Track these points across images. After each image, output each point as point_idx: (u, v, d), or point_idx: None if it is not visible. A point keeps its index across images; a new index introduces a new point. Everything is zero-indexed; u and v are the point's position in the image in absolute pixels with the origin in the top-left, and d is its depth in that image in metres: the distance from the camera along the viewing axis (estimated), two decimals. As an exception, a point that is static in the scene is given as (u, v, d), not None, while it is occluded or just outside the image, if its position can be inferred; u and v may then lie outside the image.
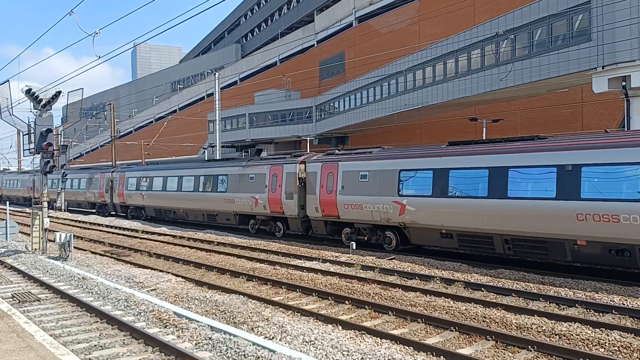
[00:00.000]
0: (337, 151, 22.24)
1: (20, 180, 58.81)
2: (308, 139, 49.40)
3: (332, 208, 21.08)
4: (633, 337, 9.53)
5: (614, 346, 9.15)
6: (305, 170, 23.03)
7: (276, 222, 24.97)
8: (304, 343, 9.21)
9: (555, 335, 9.83)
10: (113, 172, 39.55)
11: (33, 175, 52.52)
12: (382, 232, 19.80)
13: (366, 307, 12.15)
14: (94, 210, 42.75)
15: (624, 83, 22.22)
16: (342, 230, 21.38)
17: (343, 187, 20.49)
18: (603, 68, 22.68)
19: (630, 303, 11.71)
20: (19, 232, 25.08)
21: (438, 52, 32.92)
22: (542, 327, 10.20)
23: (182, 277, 16.10)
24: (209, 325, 10.14)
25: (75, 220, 37.76)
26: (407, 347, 9.29)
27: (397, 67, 37.28)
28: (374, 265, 16.77)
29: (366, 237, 20.25)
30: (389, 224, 19.21)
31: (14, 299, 12.93)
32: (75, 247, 20.67)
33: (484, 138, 32.16)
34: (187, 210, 30.74)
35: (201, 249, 22.19)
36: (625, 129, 23.30)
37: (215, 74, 48.02)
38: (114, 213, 39.88)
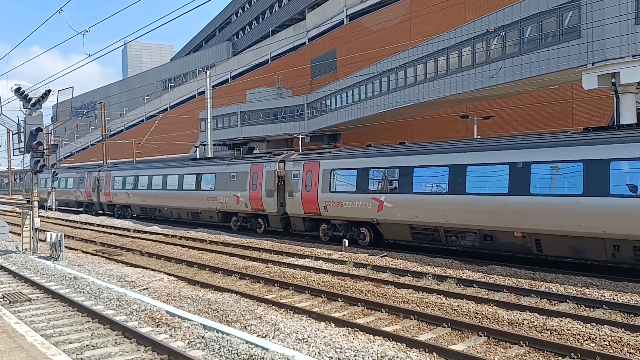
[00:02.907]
0: None
1: (73, 179, 44.15)
2: (300, 136, 49.40)
3: None
4: (623, 332, 9.62)
5: (604, 341, 9.22)
6: None
7: None
8: (297, 341, 9.21)
9: (547, 330, 9.89)
10: (283, 161, 23.95)
11: (95, 171, 40.51)
12: None
13: (359, 304, 12.17)
14: (227, 224, 28.12)
15: (613, 80, 22.35)
16: None
17: None
18: (593, 65, 22.81)
19: (620, 298, 11.81)
20: (9, 232, 24.93)
21: (429, 49, 32.98)
22: (533, 322, 10.27)
23: (174, 276, 16.05)
24: (201, 324, 10.11)
25: (66, 220, 37.53)
26: (399, 344, 9.32)
27: (388, 64, 37.33)
28: (367, 262, 16.80)
29: None
30: None
31: (5, 299, 12.84)
32: (66, 247, 20.55)
33: (476, 136, 32.35)
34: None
35: (193, 248, 22.13)
36: (615, 125, 23.47)
37: (206, 72, 47.87)
38: (279, 230, 24.86)
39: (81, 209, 43.35)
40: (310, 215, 22.26)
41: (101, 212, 40.21)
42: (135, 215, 36.44)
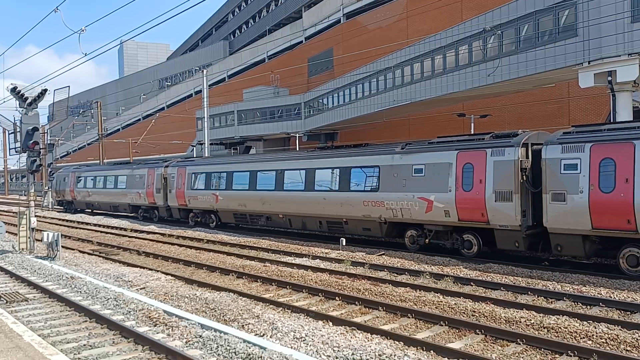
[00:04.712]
0: None
1: (126, 177, 35.24)
2: (297, 135, 49.37)
3: None
4: (620, 329, 9.65)
5: (601, 338, 9.26)
6: None
7: None
8: (295, 340, 9.22)
9: (544, 328, 9.92)
10: (527, 145, 15.88)
11: (160, 167, 32.04)
12: None
13: (356, 303, 12.18)
14: (396, 240, 20.70)
15: (609, 78, 22.38)
16: None
17: None
18: (589, 63, 22.84)
19: (616, 296, 11.86)
20: (6, 231, 24.87)
21: (426, 48, 32.98)
22: (530, 320, 10.29)
23: (172, 275, 16.03)
24: (199, 323, 10.12)
25: (63, 220, 37.45)
26: (397, 342, 9.33)
27: (385, 63, 37.31)
28: (364, 261, 16.82)
29: None
30: None
31: (1, 299, 12.81)
32: (63, 247, 20.50)
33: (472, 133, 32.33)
34: None
35: (190, 247, 22.11)
36: None
37: (203, 71, 47.82)
38: None
39: (135, 214, 35.04)
40: (605, 232, 13.88)
41: (168, 218, 31.98)
42: (224, 224, 28.03)
